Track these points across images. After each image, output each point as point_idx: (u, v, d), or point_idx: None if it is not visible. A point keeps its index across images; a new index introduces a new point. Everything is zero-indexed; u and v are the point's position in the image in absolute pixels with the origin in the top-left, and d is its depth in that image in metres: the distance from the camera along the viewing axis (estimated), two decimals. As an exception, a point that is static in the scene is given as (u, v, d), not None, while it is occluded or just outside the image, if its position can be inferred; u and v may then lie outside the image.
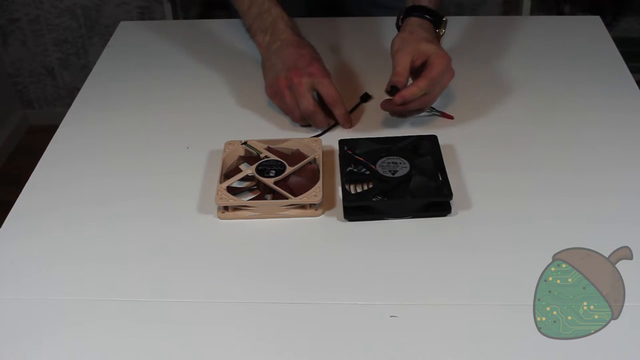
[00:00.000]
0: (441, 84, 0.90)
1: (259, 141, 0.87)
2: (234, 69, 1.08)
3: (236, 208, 0.80)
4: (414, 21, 0.94)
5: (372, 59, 1.08)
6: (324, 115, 0.91)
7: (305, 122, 0.93)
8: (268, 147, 0.87)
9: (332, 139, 0.91)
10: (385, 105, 0.92)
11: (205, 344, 0.66)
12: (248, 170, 0.83)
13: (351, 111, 0.95)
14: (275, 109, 0.97)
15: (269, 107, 0.98)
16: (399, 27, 0.98)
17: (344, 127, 0.93)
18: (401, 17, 0.98)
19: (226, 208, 0.80)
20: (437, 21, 0.96)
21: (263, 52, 0.99)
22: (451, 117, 0.94)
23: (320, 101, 0.92)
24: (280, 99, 0.93)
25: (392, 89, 0.89)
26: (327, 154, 0.89)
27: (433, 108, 0.94)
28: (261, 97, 0.99)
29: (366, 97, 0.97)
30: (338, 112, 0.92)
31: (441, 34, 0.97)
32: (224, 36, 1.17)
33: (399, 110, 0.92)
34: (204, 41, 1.16)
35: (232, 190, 0.81)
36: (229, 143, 0.87)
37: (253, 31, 1.02)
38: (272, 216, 0.80)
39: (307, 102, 0.90)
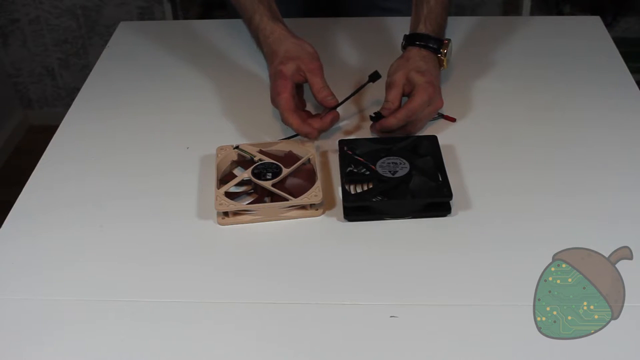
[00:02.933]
0: (423, 115, 0.90)
1: (251, 145, 0.87)
2: (233, 69, 1.08)
3: (236, 213, 0.80)
4: (413, 50, 0.94)
5: (369, 58, 1.08)
6: (311, 127, 0.88)
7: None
8: (260, 150, 0.86)
9: (325, 140, 0.91)
10: (372, 129, 0.92)
11: (206, 343, 0.66)
12: (244, 174, 0.83)
13: (358, 90, 0.94)
14: (270, 109, 0.97)
15: (263, 109, 0.97)
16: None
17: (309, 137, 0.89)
18: (403, 43, 0.97)
19: (226, 214, 0.79)
20: (438, 47, 0.95)
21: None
22: (453, 120, 0.94)
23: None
24: None
25: (376, 115, 0.90)
26: (320, 154, 0.89)
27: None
28: (258, 98, 0.99)
29: (375, 76, 0.93)
30: (306, 135, 0.88)
31: (444, 57, 0.96)
32: (223, 36, 1.16)
33: (385, 135, 0.92)
34: (204, 41, 1.16)
35: (229, 195, 0.80)
36: (220, 148, 0.87)
37: (253, 39, 1.01)
38: (273, 218, 0.80)
39: (292, 123, 0.88)
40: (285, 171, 0.82)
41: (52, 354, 0.66)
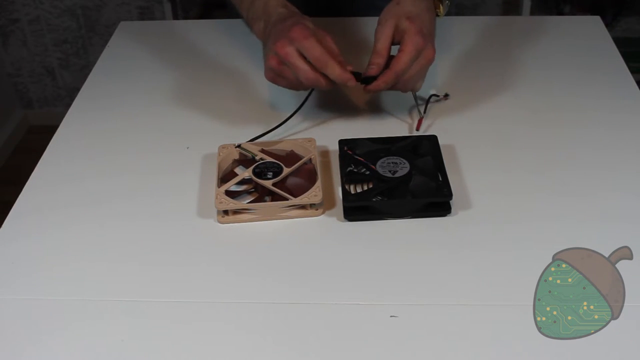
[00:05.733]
0: (414, 70, 0.85)
1: (253, 143, 0.87)
2: (233, 70, 1.08)
3: (236, 211, 0.80)
4: None
5: (369, 58, 1.08)
6: (327, 79, 0.86)
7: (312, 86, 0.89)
8: (262, 149, 0.86)
9: (326, 139, 0.90)
10: (364, 90, 0.88)
11: (206, 344, 0.66)
12: (245, 173, 0.83)
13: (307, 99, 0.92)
14: (270, 108, 0.97)
15: (263, 108, 0.98)
16: None
17: (348, 84, 0.85)
18: None
19: (226, 212, 0.80)
20: None
21: (261, 39, 0.96)
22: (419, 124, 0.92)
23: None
24: (281, 78, 0.89)
25: (364, 79, 0.86)
26: (322, 154, 0.89)
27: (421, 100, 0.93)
28: (258, 98, 0.99)
29: (367, 80, 0.89)
30: (331, 73, 0.84)
31: (439, 13, 0.91)
32: (224, 36, 1.17)
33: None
34: (204, 41, 1.16)
35: (230, 194, 0.81)
36: (222, 147, 0.87)
37: (250, 21, 0.98)
38: (272, 218, 0.80)
39: (305, 73, 0.84)
40: (285, 170, 0.82)
41: (52, 354, 0.66)
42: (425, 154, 0.85)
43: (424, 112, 0.94)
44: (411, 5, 0.88)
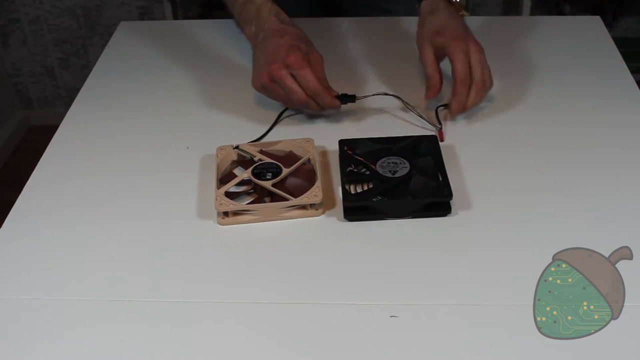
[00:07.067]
0: (476, 66, 0.89)
1: (251, 144, 0.87)
2: (233, 70, 1.08)
3: (236, 213, 0.80)
4: (424, 7, 0.92)
5: (370, 59, 1.08)
6: (317, 103, 0.90)
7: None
8: (261, 150, 0.86)
9: (325, 139, 0.90)
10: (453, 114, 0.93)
11: (206, 344, 0.66)
12: (244, 174, 0.83)
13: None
14: (270, 109, 0.97)
15: (263, 108, 0.97)
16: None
17: (334, 109, 0.92)
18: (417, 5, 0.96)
19: (226, 213, 0.79)
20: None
21: (252, 44, 0.98)
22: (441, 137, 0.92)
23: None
24: (270, 92, 0.92)
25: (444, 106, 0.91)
26: (322, 154, 0.89)
27: (422, 116, 0.93)
28: (258, 98, 0.99)
29: (346, 98, 0.92)
30: (320, 102, 0.89)
31: (465, 13, 0.94)
32: (224, 36, 1.16)
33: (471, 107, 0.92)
34: (204, 41, 1.16)
35: (229, 195, 0.80)
36: (220, 148, 0.87)
37: (241, 23, 1.00)
38: (273, 218, 0.80)
39: (297, 95, 0.88)
40: (285, 171, 0.82)
41: (53, 354, 0.66)
42: (425, 154, 0.85)
43: (439, 122, 0.93)
44: (434, 19, 0.92)
